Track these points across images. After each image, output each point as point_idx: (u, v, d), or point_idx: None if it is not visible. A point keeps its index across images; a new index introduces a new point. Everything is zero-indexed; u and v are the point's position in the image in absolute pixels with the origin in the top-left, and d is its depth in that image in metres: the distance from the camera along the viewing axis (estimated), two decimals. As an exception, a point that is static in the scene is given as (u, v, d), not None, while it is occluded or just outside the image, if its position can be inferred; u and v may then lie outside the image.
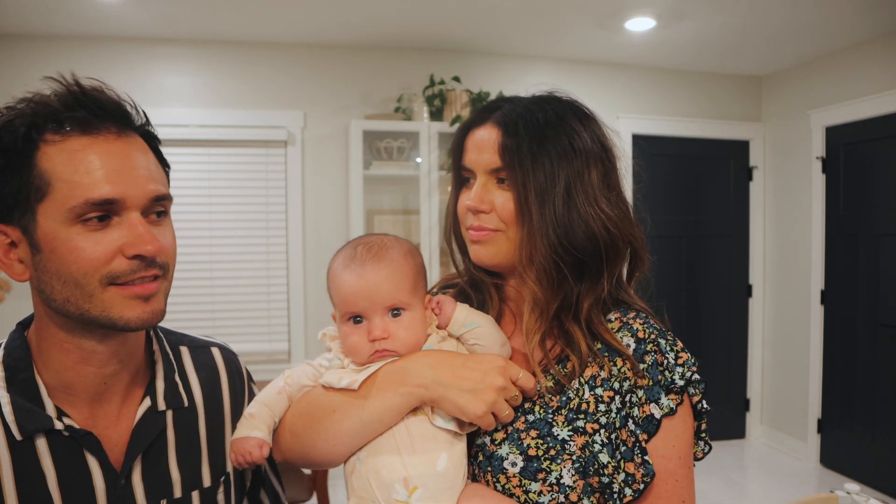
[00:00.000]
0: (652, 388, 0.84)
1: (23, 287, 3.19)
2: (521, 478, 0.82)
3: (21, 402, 0.75)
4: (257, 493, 0.99)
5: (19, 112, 0.72)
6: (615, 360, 0.86)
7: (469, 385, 0.81)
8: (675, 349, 0.88)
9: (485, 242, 0.91)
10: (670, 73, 4.15)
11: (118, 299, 0.73)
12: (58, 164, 0.70)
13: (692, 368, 0.87)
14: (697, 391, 0.88)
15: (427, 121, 3.51)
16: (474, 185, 0.92)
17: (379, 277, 0.85)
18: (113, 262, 0.72)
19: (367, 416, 0.82)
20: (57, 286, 0.72)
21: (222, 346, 0.99)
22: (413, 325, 0.87)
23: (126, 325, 0.74)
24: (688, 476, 0.84)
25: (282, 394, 0.90)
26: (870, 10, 3.10)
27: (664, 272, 4.22)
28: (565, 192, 0.87)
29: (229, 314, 3.54)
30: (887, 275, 3.51)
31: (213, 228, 3.48)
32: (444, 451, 0.82)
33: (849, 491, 1.43)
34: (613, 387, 0.85)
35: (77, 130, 0.71)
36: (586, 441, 0.82)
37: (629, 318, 0.91)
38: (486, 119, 0.94)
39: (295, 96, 3.61)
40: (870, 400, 3.61)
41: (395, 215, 3.71)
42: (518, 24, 3.36)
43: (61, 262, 0.71)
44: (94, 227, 0.71)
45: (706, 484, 3.67)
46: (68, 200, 0.69)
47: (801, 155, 4.01)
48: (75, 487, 0.75)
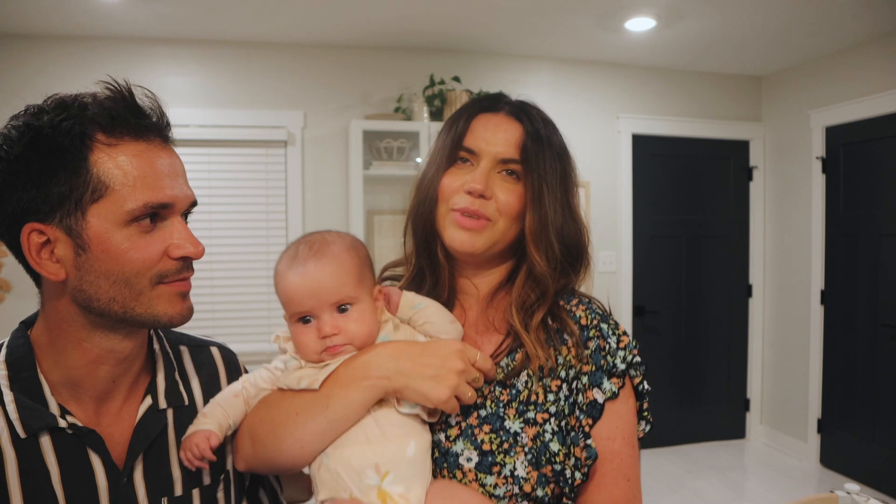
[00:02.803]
0: (595, 373, 0.88)
1: (23, 287, 3.20)
2: (476, 472, 0.84)
3: (25, 400, 0.75)
4: (256, 492, 1.00)
5: (69, 113, 0.72)
6: (560, 349, 0.90)
7: (430, 371, 0.82)
8: (616, 333, 0.91)
9: (477, 231, 0.92)
10: (670, 73, 4.15)
11: (165, 297, 0.77)
12: (116, 166, 0.72)
13: (633, 351, 0.91)
14: (638, 373, 0.91)
15: (427, 121, 3.51)
16: (477, 169, 0.92)
17: (322, 274, 0.84)
18: (161, 262, 0.76)
19: (332, 415, 0.82)
20: (104, 286, 0.74)
21: (221, 345, 1.00)
22: (363, 318, 0.86)
23: (170, 321, 0.78)
24: (632, 455, 0.89)
25: (238, 397, 0.89)
26: (870, 10, 3.10)
27: (664, 272, 4.22)
28: (564, 195, 0.94)
29: (229, 314, 3.54)
30: (887, 275, 3.51)
31: (212, 228, 3.48)
32: (412, 439, 0.83)
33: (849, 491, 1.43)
34: (560, 375, 0.89)
35: (130, 136, 0.74)
36: (537, 432, 0.85)
37: (572, 304, 0.95)
38: (498, 107, 0.96)
39: (295, 96, 3.61)
40: (870, 400, 3.61)
41: (395, 215, 3.72)
42: (518, 24, 3.36)
43: (114, 261, 0.73)
44: (145, 229, 0.74)
45: (706, 484, 3.67)
46: (127, 203, 0.72)
47: (801, 155, 4.01)
48: (79, 485, 0.76)
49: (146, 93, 0.78)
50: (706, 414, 4.33)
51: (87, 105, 0.73)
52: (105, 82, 0.75)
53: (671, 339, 4.26)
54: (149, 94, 0.78)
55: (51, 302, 0.78)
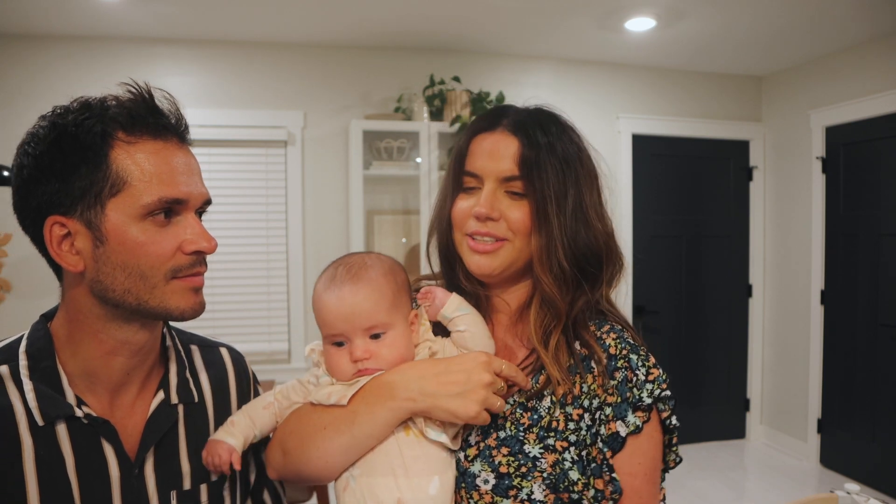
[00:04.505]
0: (620, 405, 0.85)
1: (23, 287, 3.20)
2: (492, 494, 0.83)
3: (44, 389, 0.78)
4: (260, 492, 1.01)
5: (92, 112, 0.76)
6: (586, 377, 0.87)
7: (457, 389, 0.81)
8: (646, 365, 0.88)
9: (492, 254, 0.91)
10: (670, 73, 4.15)
11: (178, 290, 0.79)
12: (134, 163, 0.76)
13: (662, 385, 0.87)
14: (667, 407, 0.88)
15: (427, 121, 3.51)
16: (482, 192, 0.91)
17: (356, 299, 0.85)
18: (175, 257, 0.79)
19: (358, 432, 0.82)
20: (120, 277, 0.77)
21: (230, 347, 1.03)
22: (396, 343, 0.87)
23: (181, 315, 0.80)
24: (651, 493, 0.86)
25: (268, 409, 0.90)
26: (870, 10, 3.10)
27: (664, 272, 4.22)
28: (576, 204, 0.90)
29: (229, 314, 3.54)
30: (887, 275, 3.51)
31: (212, 228, 3.38)
32: (436, 475, 0.83)
33: (849, 491, 1.43)
34: (583, 404, 0.86)
35: (148, 135, 0.78)
36: (557, 459, 0.83)
37: (603, 331, 0.92)
38: (495, 125, 0.93)
39: (295, 96, 3.61)
40: (870, 400, 3.61)
41: (395, 215, 3.71)
42: (518, 24, 3.36)
43: (130, 254, 0.76)
44: (160, 224, 0.77)
45: (706, 484, 3.67)
46: (143, 197, 0.76)
47: (801, 155, 4.01)
48: (92, 474, 0.79)
49: (165, 95, 0.82)
50: (706, 414, 4.33)
51: (110, 106, 0.77)
52: (127, 84, 0.79)
53: (671, 339, 4.26)
54: (168, 96, 0.82)
55: (70, 293, 0.81)
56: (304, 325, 3.64)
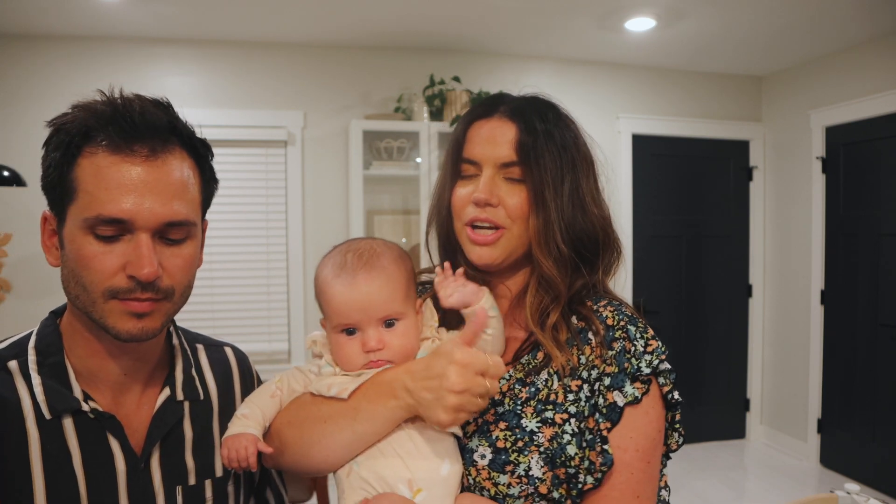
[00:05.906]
0: (617, 375, 0.84)
1: (23, 287, 3.20)
2: (489, 470, 0.82)
3: (51, 383, 0.79)
4: (263, 491, 1.02)
5: (72, 117, 0.77)
6: (584, 348, 0.87)
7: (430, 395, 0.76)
8: (644, 336, 0.86)
9: (492, 244, 0.91)
10: (670, 73, 4.15)
11: (116, 312, 0.76)
12: (86, 175, 0.75)
13: (661, 357, 0.85)
14: (668, 381, 0.85)
15: (427, 121, 3.51)
16: (481, 178, 0.91)
17: (372, 288, 0.83)
18: (115, 278, 0.75)
19: (360, 428, 0.81)
20: (71, 283, 0.78)
21: (234, 346, 1.04)
22: (407, 333, 0.85)
23: (117, 336, 0.77)
24: (646, 470, 0.82)
25: (274, 397, 0.89)
26: (870, 10, 3.10)
27: (664, 272, 4.22)
28: (572, 189, 0.91)
29: (229, 314, 3.54)
30: (887, 275, 3.50)
31: (212, 228, 3.42)
32: (446, 458, 0.81)
33: (849, 491, 1.43)
34: (582, 375, 0.85)
35: (108, 148, 0.75)
36: (555, 432, 0.82)
37: (600, 305, 0.92)
38: (492, 112, 0.94)
39: (295, 96, 3.61)
40: (870, 400, 3.61)
41: (395, 215, 3.71)
42: (518, 24, 3.36)
43: (76, 263, 0.76)
44: (105, 240, 0.75)
45: (706, 484, 3.67)
46: (85, 211, 0.74)
47: (801, 155, 4.01)
48: (99, 468, 0.79)
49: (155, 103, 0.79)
50: (706, 414, 4.33)
51: (83, 112, 0.77)
52: (102, 91, 0.78)
53: (671, 338, 4.25)
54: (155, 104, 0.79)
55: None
56: (304, 324, 3.64)
